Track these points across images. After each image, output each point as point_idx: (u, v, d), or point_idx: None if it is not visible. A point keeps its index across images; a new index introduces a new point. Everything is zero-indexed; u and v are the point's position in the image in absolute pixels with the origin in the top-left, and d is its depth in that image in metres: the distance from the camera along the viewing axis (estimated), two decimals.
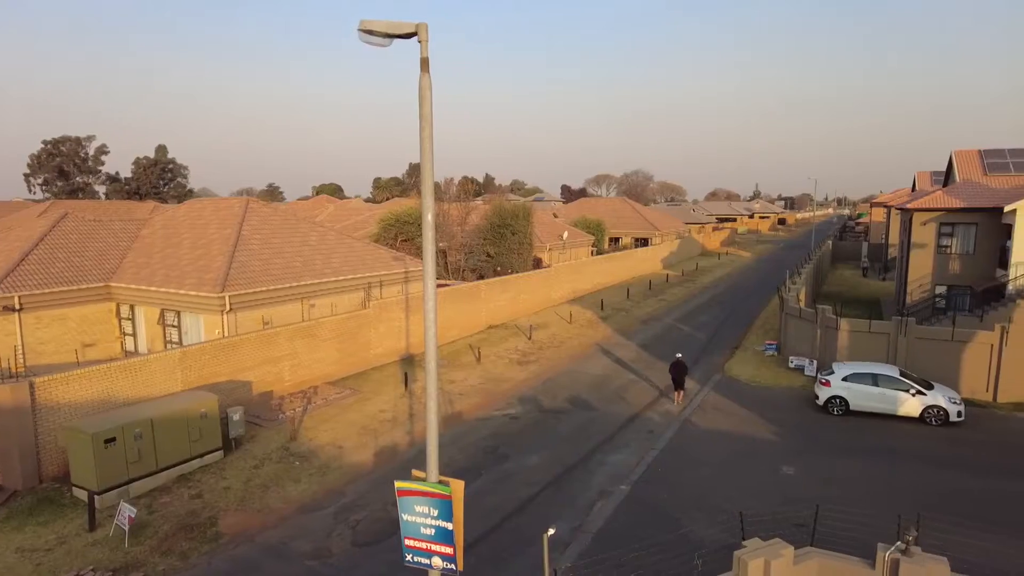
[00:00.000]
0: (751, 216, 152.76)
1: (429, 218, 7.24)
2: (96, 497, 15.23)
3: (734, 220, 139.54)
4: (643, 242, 73.73)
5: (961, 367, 23.77)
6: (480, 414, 22.34)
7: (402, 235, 43.71)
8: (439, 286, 34.43)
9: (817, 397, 22.55)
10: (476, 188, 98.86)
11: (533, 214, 47.96)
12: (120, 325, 28.42)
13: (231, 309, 24.53)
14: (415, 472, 7.90)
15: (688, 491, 16.39)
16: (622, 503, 15.82)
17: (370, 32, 6.70)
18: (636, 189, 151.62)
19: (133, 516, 13.81)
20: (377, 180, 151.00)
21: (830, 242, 74.24)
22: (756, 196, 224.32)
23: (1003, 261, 31.32)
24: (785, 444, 19.64)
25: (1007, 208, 30.26)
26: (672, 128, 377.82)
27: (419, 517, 7.59)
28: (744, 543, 8.75)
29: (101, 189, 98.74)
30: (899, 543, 8.45)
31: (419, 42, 6.88)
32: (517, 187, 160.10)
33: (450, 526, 7.43)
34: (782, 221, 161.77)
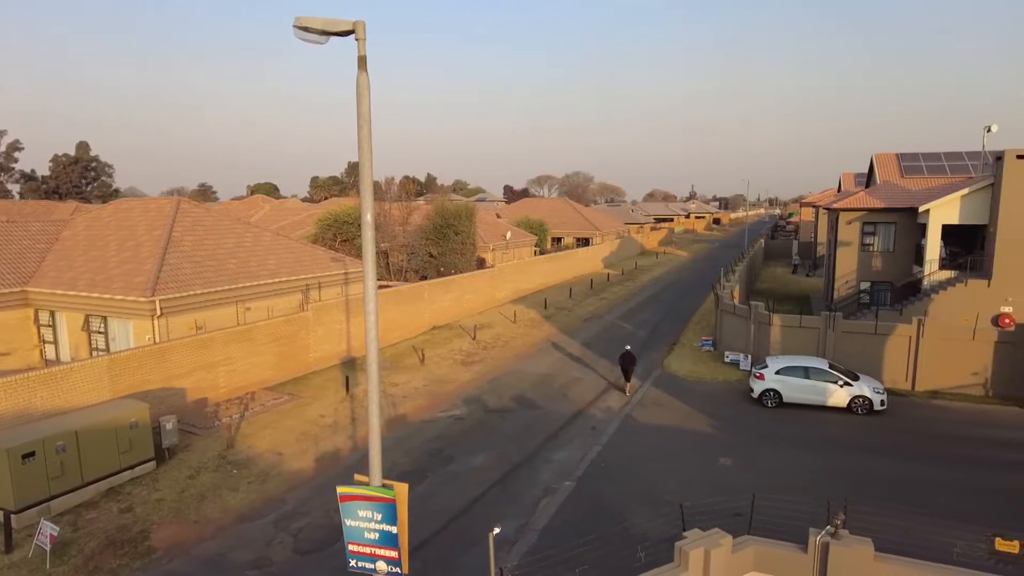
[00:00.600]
0: (687, 216, 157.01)
1: (368, 218, 7.14)
2: (13, 516, 14.34)
3: (671, 220, 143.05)
4: (584, 242, 74.73)
5: (884, 358, 25.08)
6: (425, 416, 22.17)
7: (341, 235, 42.91)
8: (381, 287, 33.96)
9: (752, 390, 23.37)
10: (418, 188, 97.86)
11: (476, 214, 47.91)
12: (39, 332, 26.85)
13: (162, 314, 23.53)
14: (358, 477, 7.77)
15: (631, 485, 16.72)
16: (567, 499, 16.00)
17: (306, 29, 6.55)
18: (577, 190, 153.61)
19: (55, 535, 13.06)
20: (315, 179, 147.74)
21: (762, 241, 77.13)
22: (692, 197, 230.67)
23: (919, 258, 33.22)
24: (722, 437, 20.28)
25: (921, 208, 32.10)
26: (612, 130, 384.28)
27: (362, 522, 7.47)
28: (685, 534, 8.98)
29: (15, 188, 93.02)
30: (829, 527, 8.84)
31: (356, 40, 6.77)
32: (459, 187, 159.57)
33: (394, 530, 7.35)
34: (717, 221, 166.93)
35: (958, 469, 17.60)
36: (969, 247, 32.05)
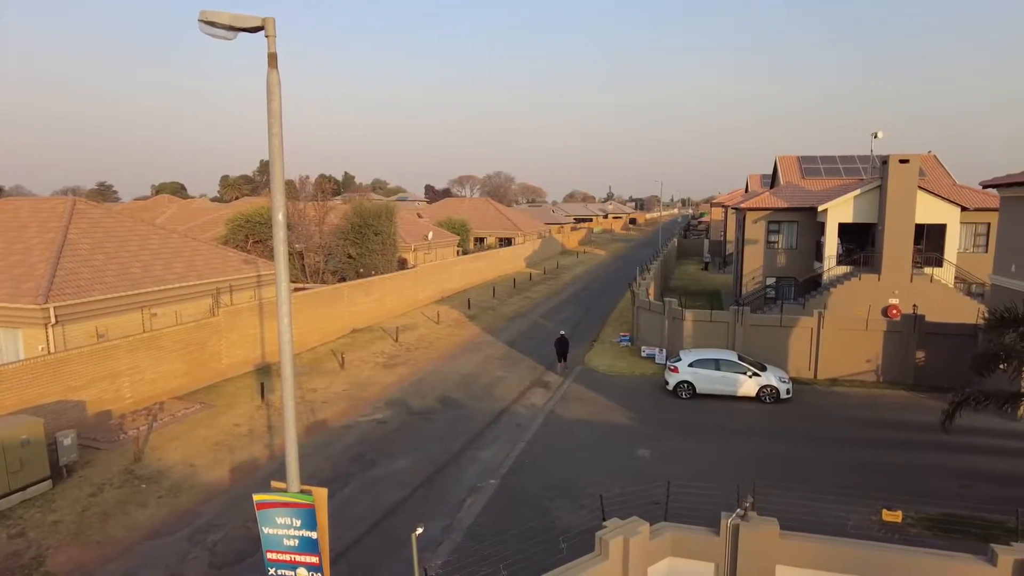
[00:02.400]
0: (605, 216, 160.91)
1: (280, 218, 6.96)
2: None
3: (590, 220, 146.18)
4: (507, 242, 75.24)
5: (788, 349, 26.62)
6: (345, 421, 21.73)
7: (253, 236, 41.38)
8: (297, 290, 32.99)
9: (667, 383, 24.28)
10: (335, 187, 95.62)
11: (396, 214, 47.29)
12: None
13: (57, 322, 21.93)
14: (275, 483, 7.56)
15: (554, 479, 17.02)
16: (492, 497, 16.11)
17: (212, 24, 6.30)
18: (499, 190, 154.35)
19: None
20: (225, 178, 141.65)
21: (676, 240, 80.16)
22: (610, 197, 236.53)
23: (819, 255, 35.49)
24: (640, 428, 20.97)
25: (820, 208, 34.29)
26: (533, 131, 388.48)
27: (281, 529, 7.28)
28: (605, 524, 9.25)
29: None
30: (738, 510, 9.34)
31: (266, 37, 6.58)
32: (379, 186, 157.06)
33: (315, 535, 7.20)
34: (633, 221, 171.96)
35: (854, 449, 18.95)
36: (862, 244, 34.52)
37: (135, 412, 21.65)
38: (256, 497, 7.39)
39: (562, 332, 29.60)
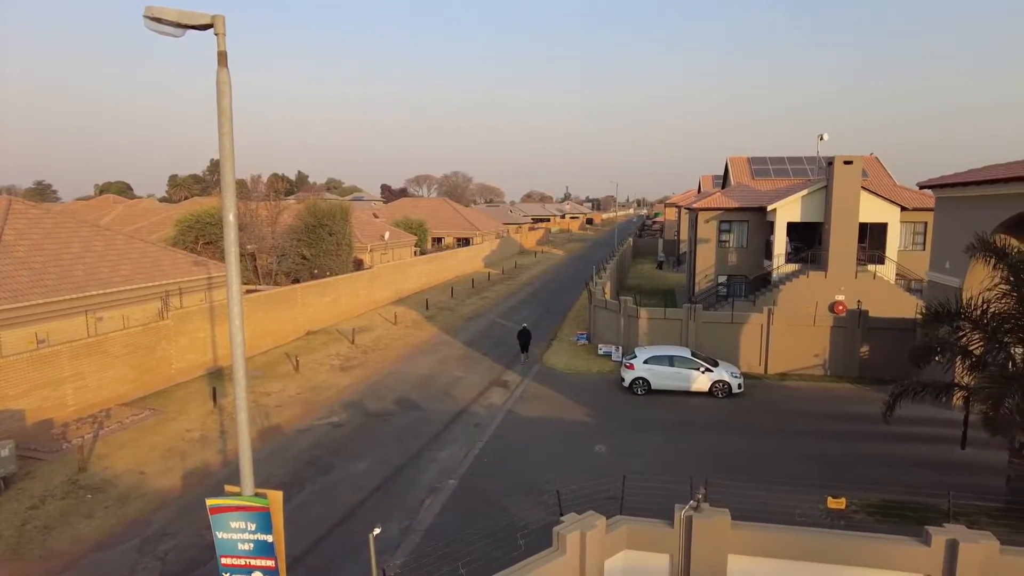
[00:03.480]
0: (563, 216, 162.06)
1: (231, 218, 6.86)
2: None
3: (548, 220, 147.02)
4: (465, 242, 75.13)
5: (740, 345, 27.35)
6: (301, 425, 21.41)
7: (204, 237, 40.40)
8: (249, 292, 32.35)
9: (623, 380, 24.67)
10: (287, 186, 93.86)
11: (352, 214, 46.76)
12: None
13: None
14: (228, 487, 7.44)
15: (512, 477, 17.12)
16: (451, 497, 16.12)
17: (158, 20, 6.16)
18: (456, 190, 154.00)
19: None
20: (173, 177, 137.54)
21: (631, 240, 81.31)
22: (567, 198, 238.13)
23: (768, 253, 36.53)
24: (597, 425, 21.26)
25: (769, 208, 35.31)
26: (491, 131, 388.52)
27: (235, 533, 7.16)
28: (562, 519, 9.39)
29: None
30: (691, 502, 9.60)
31: (216, 35, 6.47)
32: (334, 186, 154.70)
33: (270, 538, 7.12)
34: (590, 221, 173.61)
35: (802, 441, 19.61)
36: (810, 242, 35.69)
37: (79, 420, 20.89)
38: (209, 502, 7.26)
39: (524, 324, 31.28)
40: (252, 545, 7.16)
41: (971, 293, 17.81)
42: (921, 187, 25.24)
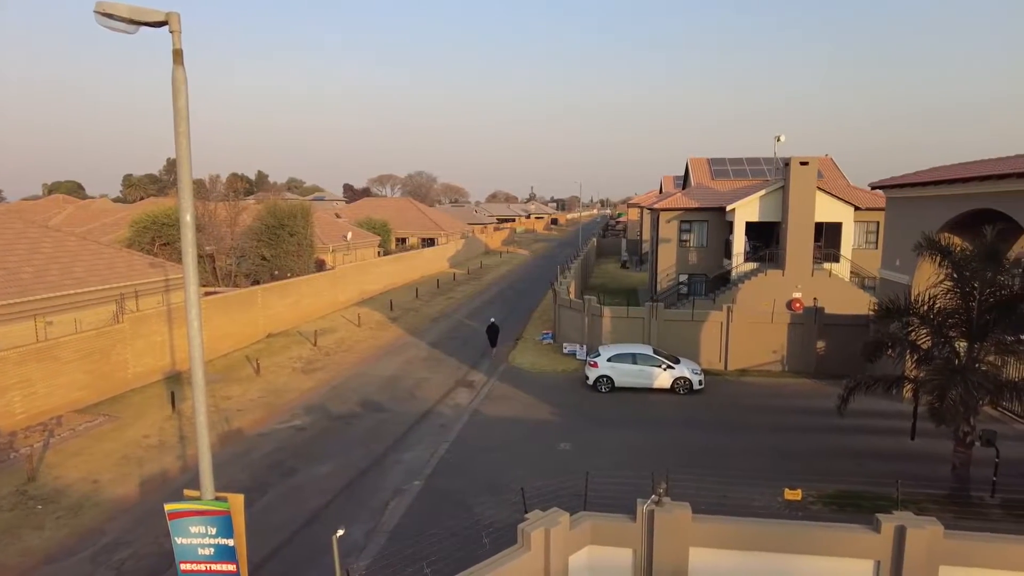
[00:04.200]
0: (528, 216, 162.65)
1: (188, 218, 6.75)
2: None
3: (513, 220, 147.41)
4: (430, 242, 74.80)
5: (700, 343, 27.86)
6: (262, 429, 21.06)
7: (160, 239, 39.41)
8: (208, 294, 31.69)
9: (587, 378, 24.92)
10: (247, 186, 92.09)
11: (313, 214, 46.15)
12: None
13: None
14: (187, 492, 7.31)
15: (478, 477, 17.15)
16: (416, 498, 16.06)
17: (110, 16, 6.02)
18: (420, 190, 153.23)
19: None
20: (128, 177, 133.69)
21: (595, 239, 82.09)
22: (532, 198, 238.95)
23: (728, 252, 37.28)
24: (562, 423, 21.43)
25: (728, 208, 36.03)
26: (454, 131, 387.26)
27: (195, 538, 7.05)
28: (527, 516, 9.47)
29: None
30: (653, 497, 9.77)
31: (171, 32, 6.34)
32: (295, 185, 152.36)
33: (231, 542, 7.02)
34: (555, 221, 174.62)
35: (761, 435, 20.08)
36: (768, 241, 36.54)
37: (29, 429, 20.18)
38: (167, 507, 7.13)
39: (492, 320, 32.61)
40: (213, 550, 7.05)
41: (919, 290, 18.53)
42: (873, 187, 26.11)
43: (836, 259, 34.73)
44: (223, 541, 7.03)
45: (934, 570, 8.93)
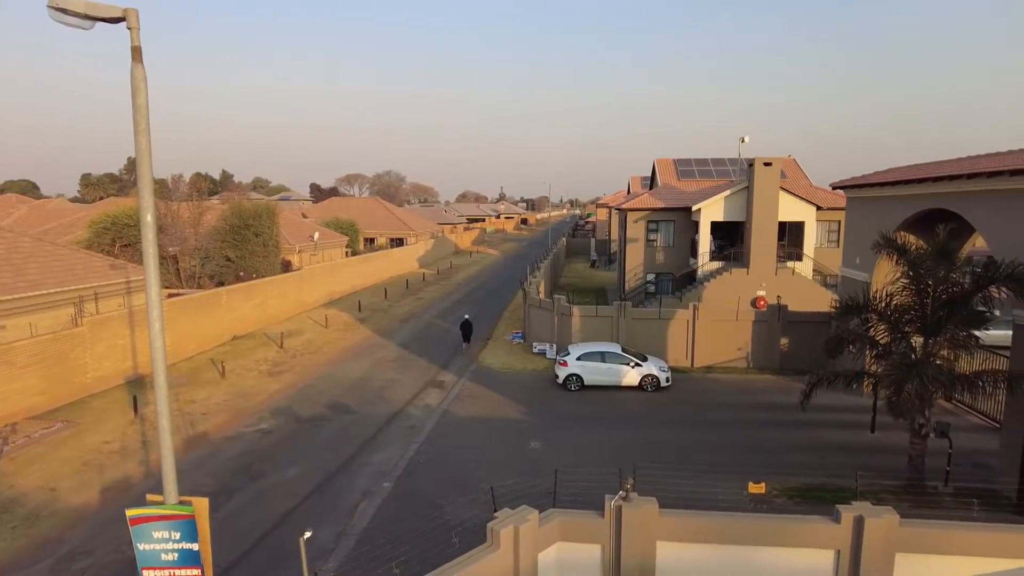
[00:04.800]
0: (498, 216, 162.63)
1: (149, 219, 6.63)
2: None
3: (483, 220, 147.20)
4: (399, 242, 74.33)
5: (667, 340, 28.21)
6: (228, 433, 20.71)
7: (121, 240, 38.44)
8: (171, 296, 31.04)
9: (557, 377, 25.07)
10: (211, 186, 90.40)
11: (279, 214, 45.51)
12: None
13: None
14: (150, 496, 7.18)
15: (448, 477, 17.13)
16: (385, 500, 15.98)
17: (64, 11, 5.87)
18: (389, 189, 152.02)
19: None
20: (87, 176, 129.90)
21: (565, 239, 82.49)
22: (502, 198, 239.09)
23: (694, 251, 37.80)
24: (532, 422, 21.52)
25: (694, 208, 36.54)
26: (423, 130, 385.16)
27: (158, 544, 6.92)
28: (496, 515, 9.51)
29: None
30: (621, 493, 9.89)
31: (129, 29, 6.22)
32: (260, 185, 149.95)
33: (196, 547, 6.91)
34: (524, 221, 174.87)
35: (727, 431, 20.44)
36: (733, 240, 37.17)
37: None
38: (129, 513, 6.99)
39: (466, 316, 33.52)
40: (176, 555, 6.93)
41: (878, 287, 19.04)
42: (834, 187, 26.74)
43: (799, 258, 35.49)
44: (187, 546, 6.92)
45: (890, 557, 9.22)
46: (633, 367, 24.65)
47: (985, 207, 17.04)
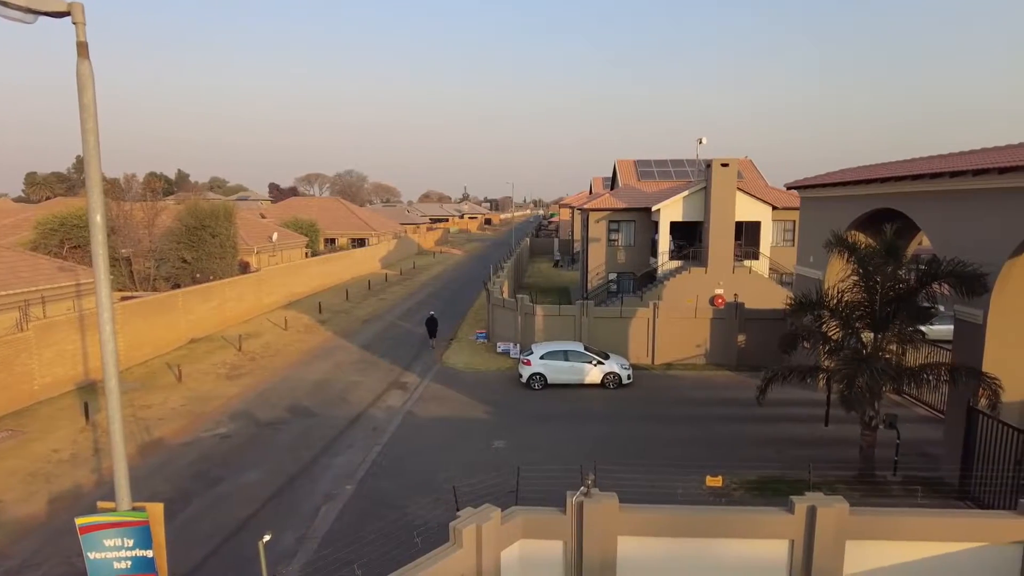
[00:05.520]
0: (461, 216, 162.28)
1: (98, 219, 6.45)
2: None
3: (446, 220, 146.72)
4: (360, 243, 73.53)
5: (629, 338, 28.59)
6: (185, 438, 20.23)
7: (70, 241, 37.21)
8: (126, 298, 30.18)
9: (521, 376, 25.18)
10: (166, 186, 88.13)
11: (237, 214, 44.57)
12: None
13: None
14: (101, 504, 6.98)
15: (411, 478, 17.06)
16: (348, 502, 15.82)
17: (4, 4, 5.66)
18: (350, 189, 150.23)
19: None
20: (32, 175, 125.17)
21: (528, 239, 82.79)
22: (465, 198, 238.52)
23: (654, 251, 38.37)
24: (496, 421, 21.56)
25: (654, 208, 37.09)
26: (385, 128, 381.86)
27: (110, 552, 6.73)
28: (459, 514, 9.51)
29: None
30: (582, 488, 10.00)
31: (74, 24, 6.04)
32: (217, 185, 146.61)
33: (150, 554, 6.75)
34: (488, 221, 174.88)
35: (687, 426, 20.82)
36: (692, 240, 37.85)
37: None
38: (79, 521, 6.78)
39: (432, 313, 33.79)
40: (130, 563, 6.76)
41: (830, 284, 19.65)
42: (788, 188, 27.46)
43: (756, 256, 36.35)
44: (141, 553, 6.75)
45: (841, 545, 9.53)
46: (595, 365, 24.91)
47: (928, 207, 17.74)
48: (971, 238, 15.75)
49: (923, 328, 16.24)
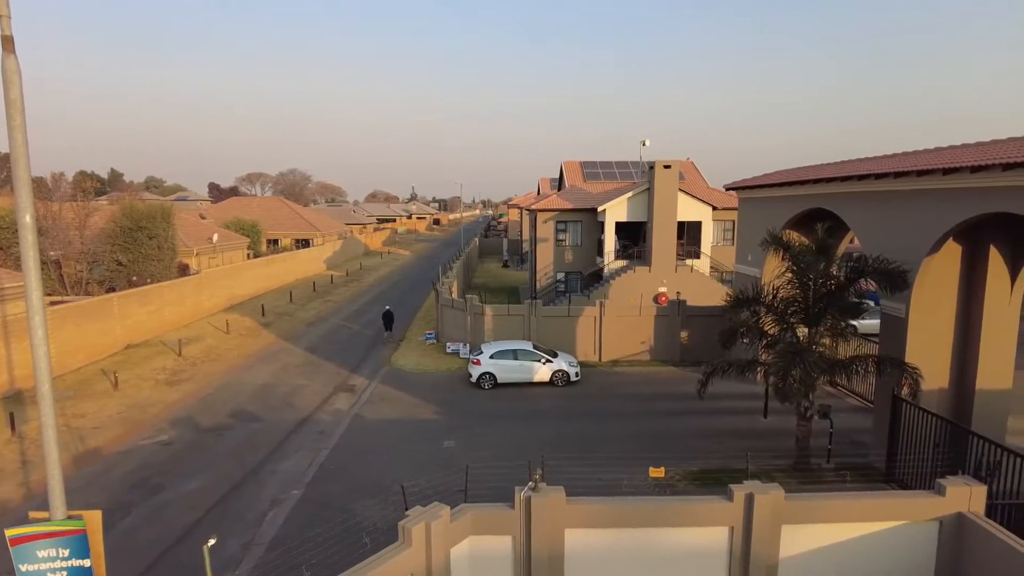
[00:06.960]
0: (409, 217, 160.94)
1: (28, 219, 6.25)
2: None
3: (394, 220, 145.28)
4: (304, 243, 72.11)
5: (576, 336, 29.01)
6: (123, 447, 19.52)
7: None
8: (56, 303, 28.83)
9: (471, 375, 25.25)
10: (98, 186, 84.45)
11: (175, 215, 43.06)
12: None
13: None
14: (33, 514, 6.74)
15: (360, 481, 16.92)
16: (295, 507, 15.61)
17: None
18: (294, 189, 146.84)
19: None
20: None
21: (477, 239, 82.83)
22: (413, 198, 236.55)
23: (600, 251, 39.02)
24: (446, 421, 21.59)
25: (599, 209, 37.73)
26: (329, 126, 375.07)
27: (44, 563, 6.51)
28: (407, 513, 9.54)
29: None
30: (530, 484, 10.17)
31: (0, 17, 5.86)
32: (154, 185, 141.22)
33: (87, 563, 6.56)
34: (437, 221, 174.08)
35: (632, 421, 21.32)
36: (636, 240, 38.65)
37: None
38: (9, 533, 6.53)
39: (388, 307, 35.54)
40: (66, 573, 6.55)
41: (766, 281, 20.43)
42: (727, 188, 28.38)
43: (697, 255, 37.40)
44: (78, 562, 6.56)
45: (777, 529, 10.00)
46: (544, 363, 25.21)
47: (856, 207, 18.67)
48: (894, 237, 16.67)
49: (854, 322, 17.08)
